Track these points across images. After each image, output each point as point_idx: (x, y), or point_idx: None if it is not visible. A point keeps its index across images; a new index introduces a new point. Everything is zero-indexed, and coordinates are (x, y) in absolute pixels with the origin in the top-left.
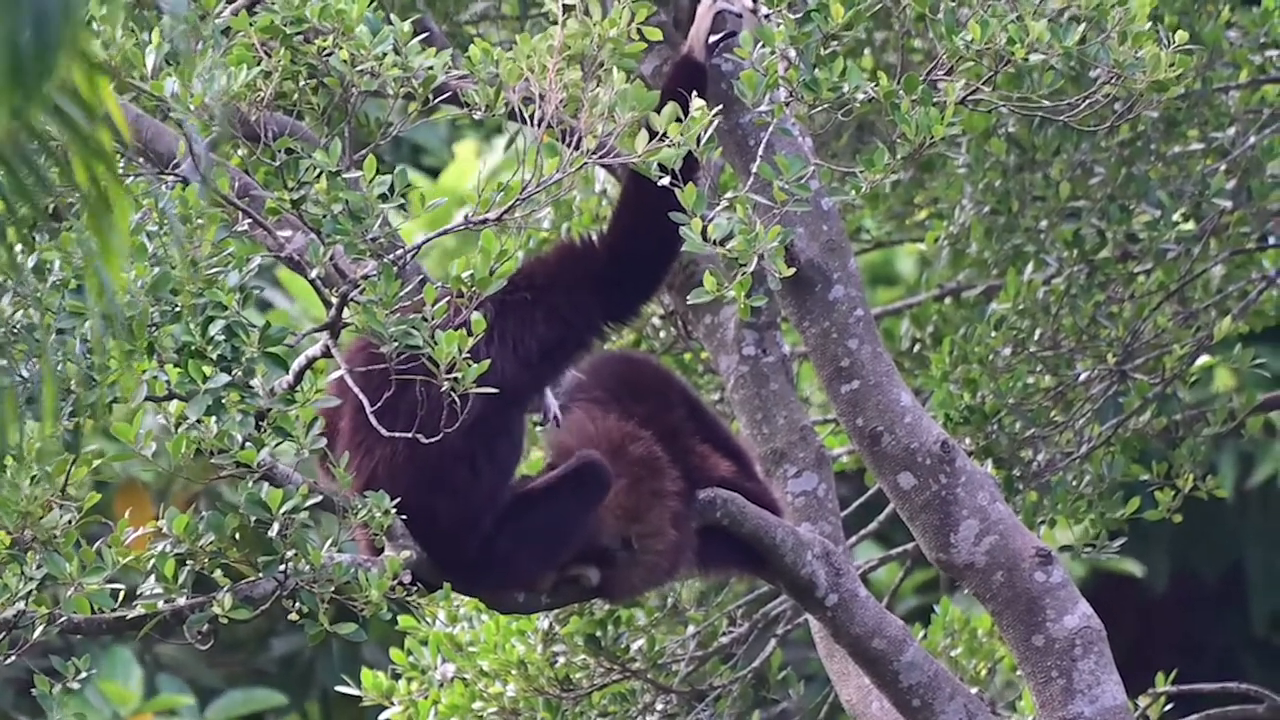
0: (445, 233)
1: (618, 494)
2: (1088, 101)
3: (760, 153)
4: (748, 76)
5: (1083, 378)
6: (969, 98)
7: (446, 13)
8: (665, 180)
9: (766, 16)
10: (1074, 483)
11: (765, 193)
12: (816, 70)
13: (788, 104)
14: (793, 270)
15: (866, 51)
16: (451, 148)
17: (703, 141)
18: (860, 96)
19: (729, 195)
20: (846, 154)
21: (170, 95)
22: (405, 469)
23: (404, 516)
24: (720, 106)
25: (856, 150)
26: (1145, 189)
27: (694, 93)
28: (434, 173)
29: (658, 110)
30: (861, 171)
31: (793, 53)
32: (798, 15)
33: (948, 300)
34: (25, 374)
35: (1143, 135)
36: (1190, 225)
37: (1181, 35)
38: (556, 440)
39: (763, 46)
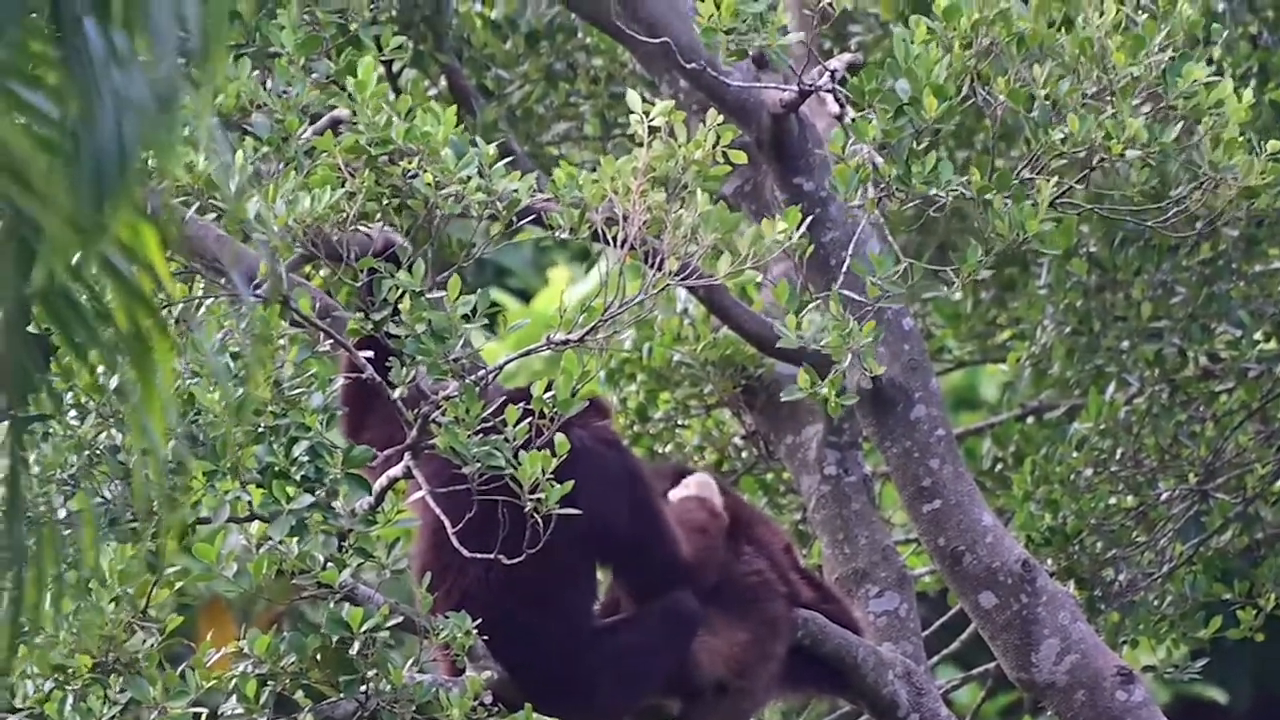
0: (527, 354)
1: (736, 643)
2: (1176, 209)
3: (850, 251)
4: (840, 171)
5: (1164, 497)
6: (1061, 196)
7: (529, 134)
8: None
9: (853, 120)
10: (1156, 603)
11: (852, 300)
12: (909, 164)
13: (879, 201)
14: (882, 368)
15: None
16: (538, 270)
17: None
18: (953, 192)
19: (820, 294)
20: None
21: (254, 217)
22: (506, 588)
23: (485, 637)
24: (808, 221)
25: (938, 272)
26: (1226, 308)
27: None
28: (520, 295)
29: None
30: (955, 269)
31: (878, 158)
32: (890, 112)
33: (1029, 420)
34: (108, 495)
35: (1223, 254)
36: (1272, 344)
37: (1274, 144)
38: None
39: (855, 142)
